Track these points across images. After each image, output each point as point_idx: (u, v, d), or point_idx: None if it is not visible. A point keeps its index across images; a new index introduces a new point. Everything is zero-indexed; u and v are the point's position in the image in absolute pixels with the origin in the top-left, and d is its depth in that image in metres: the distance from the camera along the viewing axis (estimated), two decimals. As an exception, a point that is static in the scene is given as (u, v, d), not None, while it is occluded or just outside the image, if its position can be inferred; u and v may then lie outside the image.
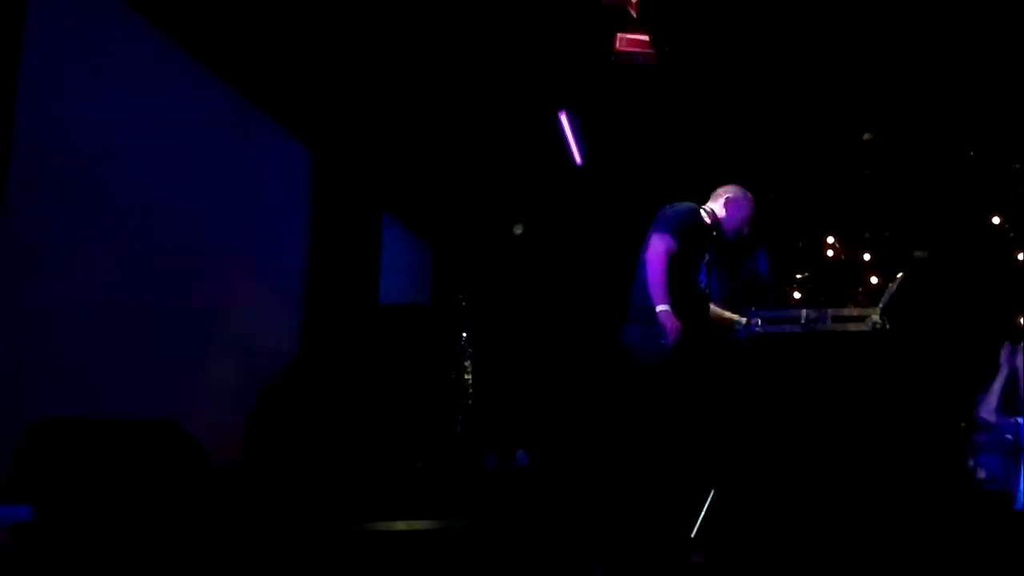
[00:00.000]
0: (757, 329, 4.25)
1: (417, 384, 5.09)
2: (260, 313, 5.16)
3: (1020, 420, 5.42)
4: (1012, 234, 7.76)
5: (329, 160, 5.91)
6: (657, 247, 3.86)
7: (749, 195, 4.26)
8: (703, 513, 3.52)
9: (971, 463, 5.53)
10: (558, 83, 6.05)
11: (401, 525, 3.84)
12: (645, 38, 5.08)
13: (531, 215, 7.68)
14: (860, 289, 7.28)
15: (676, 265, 3.86)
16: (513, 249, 7.66)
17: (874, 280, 7.44)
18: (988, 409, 5.38)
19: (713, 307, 4.19)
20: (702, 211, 4.16)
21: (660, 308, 3.76)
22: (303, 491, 4.10)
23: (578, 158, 6.74)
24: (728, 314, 4.32)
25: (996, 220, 7.63)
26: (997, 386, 5.31)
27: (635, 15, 5.04)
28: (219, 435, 4.35)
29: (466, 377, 6.17)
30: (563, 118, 6.38)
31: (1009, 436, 5.43)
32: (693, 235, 4.01)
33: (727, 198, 4.21)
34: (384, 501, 4.28)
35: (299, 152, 5.75)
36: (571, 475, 5.09)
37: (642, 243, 4.12)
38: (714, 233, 4.16)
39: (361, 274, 6.00)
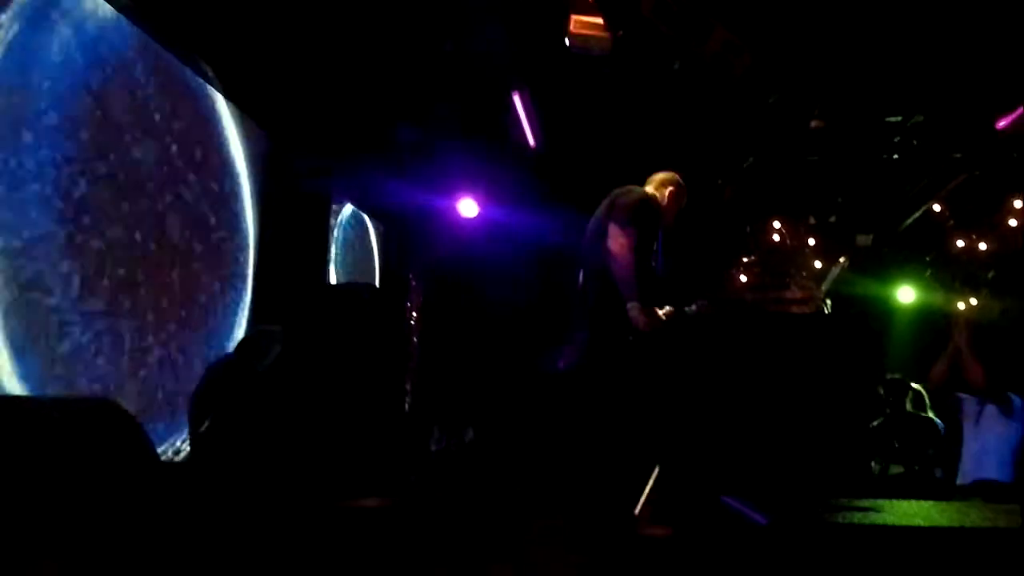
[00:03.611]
0: (701, 310, 4.32)
1: (365, 362, 5.07)
2: (211, 288, 5.09)
3: (962, 396, 5.59)
4: (951, 222, 8.00)
5: (280, 137, 5.83)
6: (623, 241, 3.89)
7: (682, 182, 4.35)
8: (647, 490, 3.58)
9: (907, 440, 5.72)
10: (512, 65, 6.05)
11: (363, 502, 3.83)
12: (599, 21, 5.10)
13: (484, 195, 7.67)
14: (804, 273, 7.44)
15: (637, 255, 3.92)
16: (464, 229, 7.66)
17: (818, 264, 7.61)
18: (932, 385, 5.53)
19: None
20: (649, 195, 4.21)
21: (631, 305, 3.83)
22: (249, 470, 4.06)
23: (532, 140, 6.75)
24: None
25: (937, 208, 7.86)
26: (940, 363, 5.46)
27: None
28: (163, 413, 4.29)
29: (415, 355, 6.17)
30: (516, 100, 6.38)
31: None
32: (650, 223, 4.07)
33: (667, 186, 4.29)
34: (333, 480, 4.27)
35: (251, 128, 5.65)
36: (518, 453, 5.13)
37: (593, 226, 4.18)
38: (658, 218, 4.23)
39: (310, 252, 5.95)
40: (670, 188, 4.30)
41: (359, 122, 6.43)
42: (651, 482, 3.62)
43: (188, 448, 4.43)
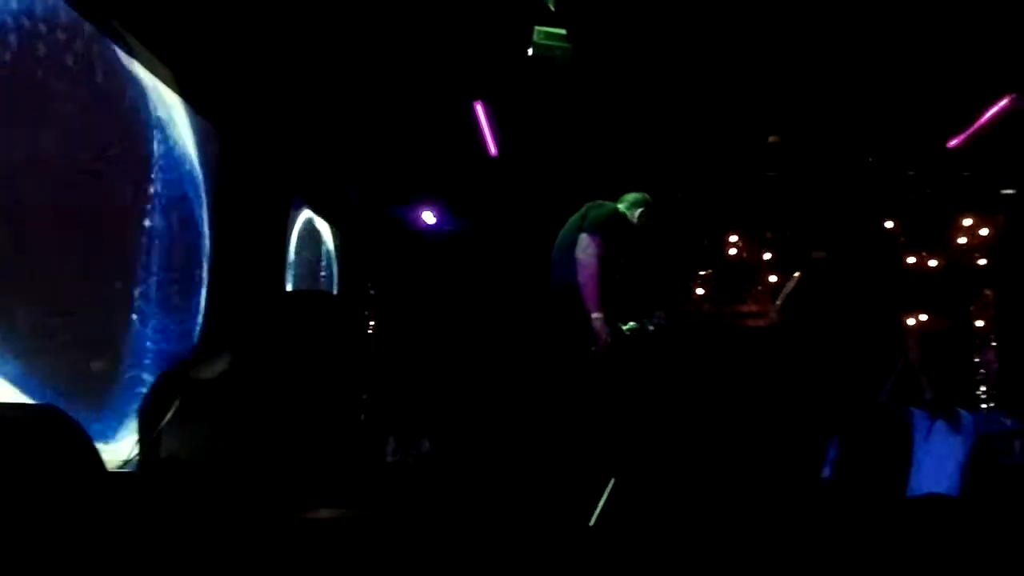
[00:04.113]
0: (661, 323, 4.36)
1: (320, 372, 5.00)
2: (165, 293, 4.99)
3: (913, 410, 5.71)
4: (903, 238, 8.17)
5: (238, 140, 5.74)
6: (591, 250, 3.97)
7: (648, 201, 4.44)
8: (603, 501, 3.59)
9: (862, 451, 5.82)
10: (474, 74, 6.05)
11: (316, 513, 3.77)
12: (561, 31, 5.14)
13: (444, 204, 7.64)
14: (760, 287, 7.53)
15: (604, 267, 4.00)
16: (423, 238, 7.61)
17: (773, 278, 7.70)
18: (882, 399, 5.66)
19: None
20: (620, 212, 4.30)
21: (595, 316, 3.88)
22: (199, 478, 3.97)
23: (493, 149, 6.75)
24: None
25: (889, 224, 8.01)
26: (890, 377, 5.59)
27: (553, 9, 5.10)
28: (110, 421, 4.18)
29: (372, 366, 6.11)
30: (478, 109, 6.37)
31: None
32: (617, 236, 4.14)
33: (637, 207, 4.38)
34: (286, 490, 4.20)
35: (207, 130, 5.56)
36: (474, 463, 5.11)
37: (562, 236, 4.23)
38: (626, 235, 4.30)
39: (268, 259, 5.86)
40: (640, 208, 4.40)
41: (319, 127, 6.37)
42: (607, 492, 3.63)
43: (137, 457, 4.33)
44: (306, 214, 6.96)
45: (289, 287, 6.31)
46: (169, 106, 5.08)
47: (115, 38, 4.46)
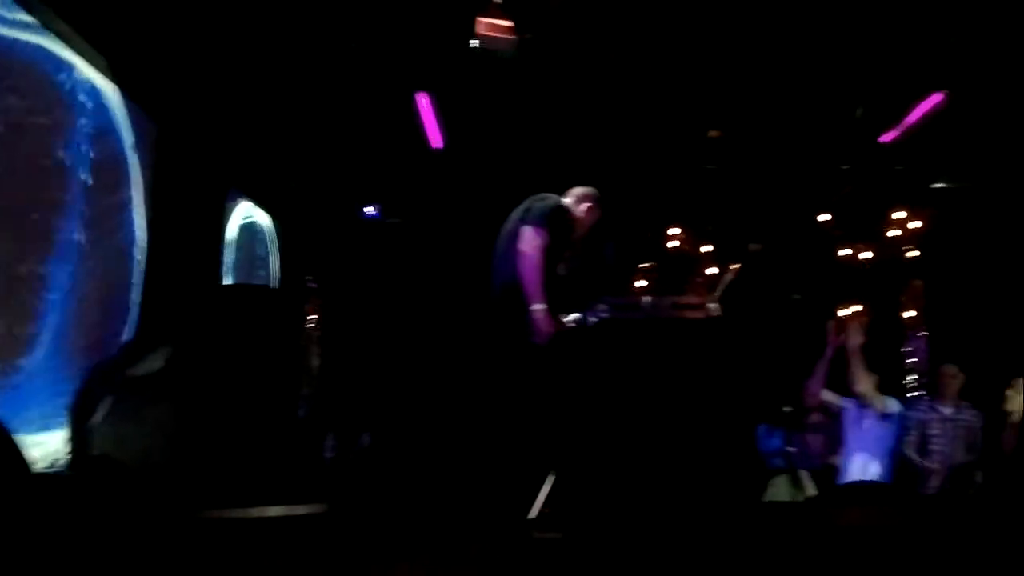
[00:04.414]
0: (602, 315, 4.39)
1: (258, 367, 4.92)
2: (99, 288, 4.85)
3: (844, 400, 5.87)
4: (838, 232, 8.37)
5: (173, 131, 5.60)
6: (533, 243, 3.98)
7: (597, 196, 4.45)
8: (544, 495, 3.61)
9: (798, 441, 5.96)
10: (417, 65, 6.00)
11: (258, 512, 3.72)
12: (507, 24, 5.13)
13: (386, 197, 7.57)
14: (699, 279, 7.65)
15: (546, 260, 4.00)
16: (365, 231, 7.54)
17: (712, 270, 7.84)
18: (815, 389, 5.80)
19: None
20: (565, 205, 4.30)
21: (535, 307, 3.89)
22: (132, 477, 3.88)
23: (436, 141, 6.71)
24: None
25: (824, 218, 8.20)
26: (822, 367, 5.73)
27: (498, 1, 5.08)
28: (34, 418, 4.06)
29: (312, 360, 6.04)
30: (421, 100, 6.32)
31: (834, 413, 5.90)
32: (560, 230, 4.15)
33: (584, 201, 4.38)
34: (224, 487, 4.13)
35: (142, 121, 5.42)
36: (416, 458, 5.09)
37: (507, 231, 4.23)
38: (571, 228, 4.31)
39: (204, 252, 5.75)
40: (587, 203, 4.41)
41: (258, 117, 6.25)
42: (547, 487, 3.65)
43: (68, 455, 4.21)
44: (244, 206, 6.84)
45: (227, 281, 6.19)
46: (102, 94, 4.94)
47: (49, 25, 4.32)
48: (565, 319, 4.16)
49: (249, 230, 6.98)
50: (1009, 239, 7.24)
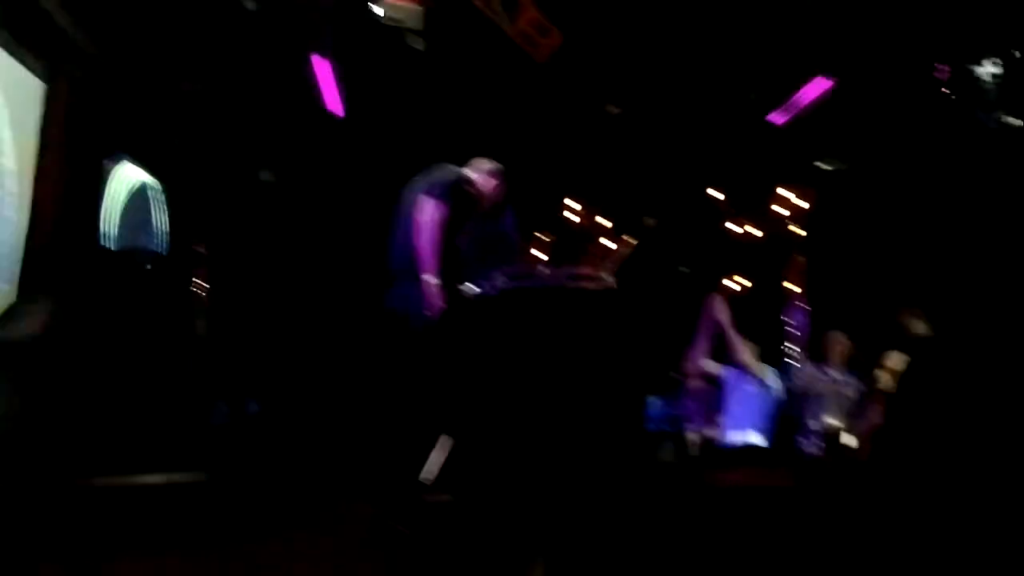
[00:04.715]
0: (499, 285, 4.41)
1: (142, 333, 4.76)
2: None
3: (724, 369, 6.12)
4: (729, 208, 8.67)
5: (55, 91, 5.31)
6: (430, 213, 3.95)
7: (503, 171, 4.44)
8: (437, 459, 3.63)
9: (682, 407, 6.18)
10: (319, 30, 5.86)
11: (137, 479, 3.61)
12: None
13: (282, 162, 7.37)
14: (596, 252, 7.79)
15: (443, 231, 3.98)
16: (259, 197, 7.32)
17: (609, 244, 8.00)
18: (695, 358, 6.05)
19: None
20: (467, 178, 4.28)
21: (427, 279, 3.86)
22: (8, 442, 3.72)
23: (335, 107, 6.57)
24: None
25: (715, 194, 8.47)
26: (703, 337, 5.98)
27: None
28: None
29: (200, 326, 5.85)
30: (319, 64, 6.17)
31: (716, 382, 6.15)
32: (459, 201, 4.14)
33: (488, 175, 4.38)
34: (112, 454, 4.00)
35: (29, 80, 5.11)
36: (306, 425, 5.04)
37: (405, 197, 4.20)
38: (473, 201, 4.30)
39: (84, 212, 5.48)
40: (491, 177, 4.41)
41: (144, 73, 5.98)
42: (439, 451, 3.67)
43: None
44: (131, 169, 6.54)
45: (112, 245, 5.93)
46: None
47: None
48: (462, 289, 4.17)
49: (137, 194, 6.69)
50: (888, 220, 7.62)
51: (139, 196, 6.76)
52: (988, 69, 3.50)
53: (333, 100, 6.49)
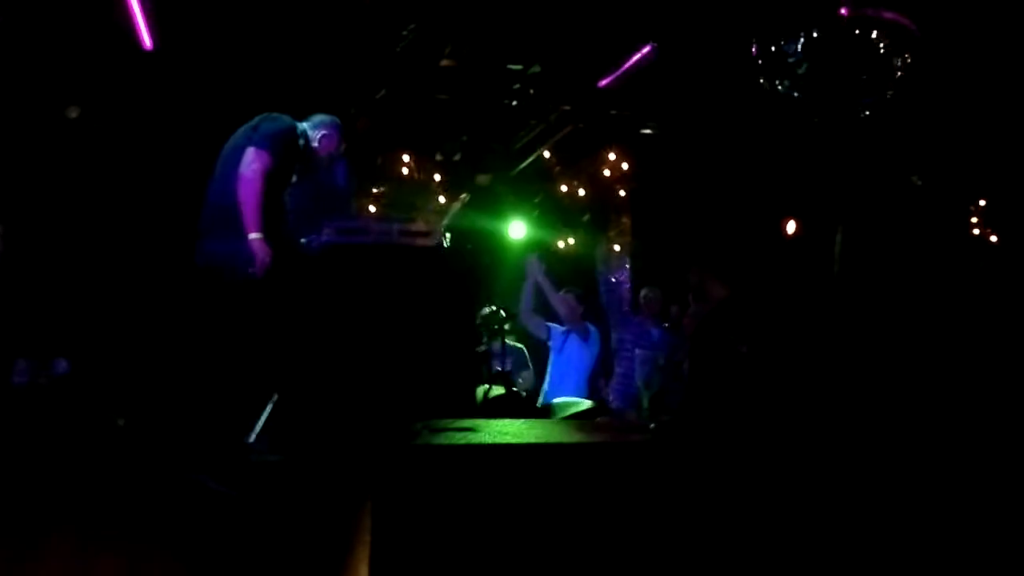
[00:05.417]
0: (327, 239, 4.32)
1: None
2: None
3: (550, 325, 6.35)
4: (558, 168, 8.88)
5: None
6: (256, 167, 3.77)
7: (340, 126, 4.32)
8: (264, 419, 3.55)
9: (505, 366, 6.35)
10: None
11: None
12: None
13: (86, 100, 6.74)
14: (430, 207, 7.77)
15: (269, 185, 3.81)
16: (60, 140, 6.67)
17: (441, 200, 8.00)
18: (525, 314, 6.29)
19: None
20: (299, 130, 4.12)
21: (253, 236, 3.71)
22: None
23: (146, 40, 6.08)
24: None
25: (547, 155, 8.65)
26: (526, 294, 6.28)
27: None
28: None
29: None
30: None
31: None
32: (289, 155, 3.99)
33: (323, 129, 4.23)
34: None
35: None
36: (119, 385, 4.77)
37: (228, 147, 3.99)
38: (305, 156, 4.16)
39: None
40: (325, 131, 4.25)
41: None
42: (267, 410, 3.59)
43: None
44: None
45: None
46: None
47: None
48: (288, 244, 4.04)
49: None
50: (708, 184, 8.05)
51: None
52: (794, 46, 3.74)
53: (144, 32, 6.00)
